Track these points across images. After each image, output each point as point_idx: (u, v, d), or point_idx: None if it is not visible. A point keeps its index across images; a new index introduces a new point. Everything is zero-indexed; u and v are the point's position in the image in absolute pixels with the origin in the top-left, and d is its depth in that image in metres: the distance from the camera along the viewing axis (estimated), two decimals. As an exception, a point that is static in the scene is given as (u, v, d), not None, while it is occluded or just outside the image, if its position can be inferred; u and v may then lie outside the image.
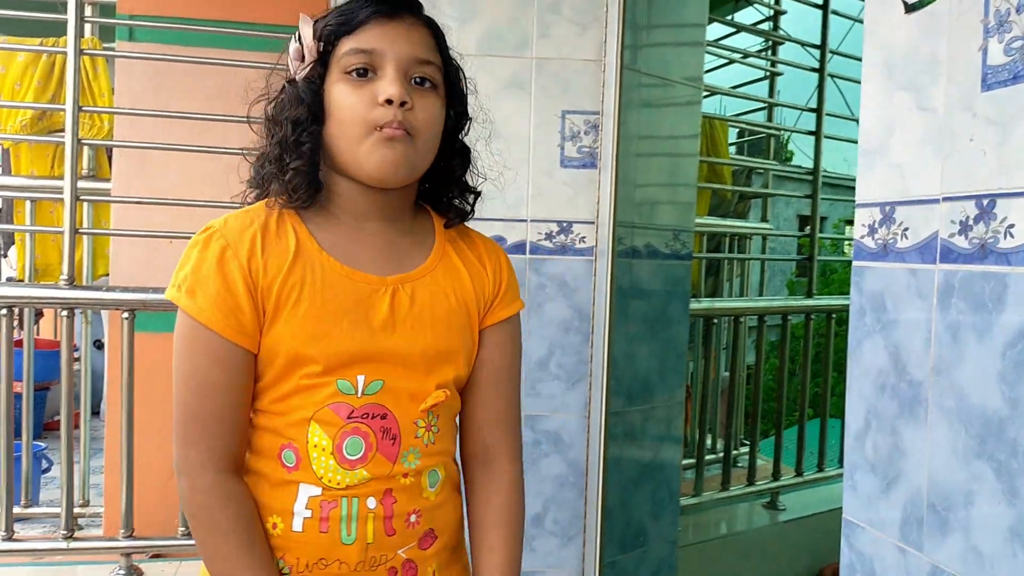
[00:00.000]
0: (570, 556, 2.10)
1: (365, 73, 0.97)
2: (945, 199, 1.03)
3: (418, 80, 0.99)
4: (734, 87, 3.83)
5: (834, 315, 3.63)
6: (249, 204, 1.05)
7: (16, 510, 2.39)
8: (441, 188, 1.10)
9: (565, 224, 2.05)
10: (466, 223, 1.14)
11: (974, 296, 0.97)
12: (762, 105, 3.83)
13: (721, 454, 3.42)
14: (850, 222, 13.89)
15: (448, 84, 1.04)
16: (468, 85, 1.10)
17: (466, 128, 1.10)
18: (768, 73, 3.75)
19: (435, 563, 1.05)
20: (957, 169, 1.01)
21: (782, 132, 4.23)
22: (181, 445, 0.98)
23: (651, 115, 2.22)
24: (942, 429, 1.02)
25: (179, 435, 0.97)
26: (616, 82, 1.99)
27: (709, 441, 3.55)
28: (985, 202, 0.96)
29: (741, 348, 3.54)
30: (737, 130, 4.42)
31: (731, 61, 3.61)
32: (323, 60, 1.00)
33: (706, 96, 3.45)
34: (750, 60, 3.80)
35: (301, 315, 0.97)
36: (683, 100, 2.36)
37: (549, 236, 2.05)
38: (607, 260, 2.02)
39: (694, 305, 2.99)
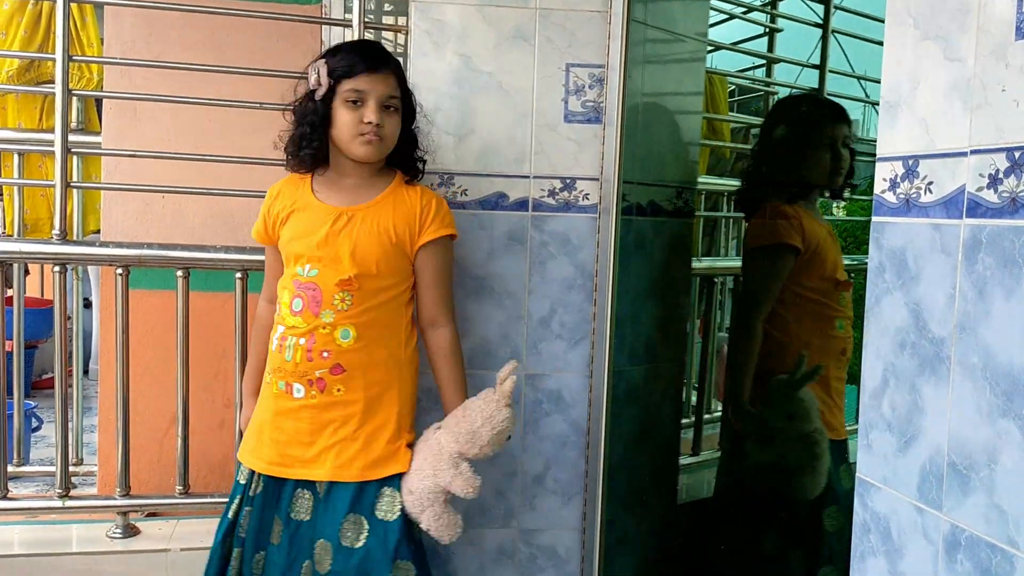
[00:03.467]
0: (571, 514, 2.09)
1: (356, 103, 1.68)
2: (973, 152, 1.00)
3: (387, 107, 1.70)
4: (734, 43, 3.76)
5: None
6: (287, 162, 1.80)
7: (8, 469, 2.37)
8: (404, 159, 1.79)
9: (568, 181, 2.01)
10: (417, 180, 1.82)
11: (1003, 251, 0.95)
12: (760, 62, 3.77)
13: (718, 414, 3.41)
14: (843, 183, 13.87)
15: (405, 105, 1.75)
16: (416, 102, 1.81)
17: (413, 124, 1.80)
18: (768, 29, 3.68)
19: (342, 385, 1.69)
20: (987, 121, 0.98)
21: (777, 92, 4.17)
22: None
23: (656, 70, 2.17)
24: (966, 387, 1.00)
25: None
26: (622, 34, 1.94)
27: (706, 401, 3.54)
28: (1017, 155, 0.93)
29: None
30: (732, 88, 4.36)
31: (732, 16, 3.55)
32: (331, 89, 1.68)
33: (708, 52, 3.39)
34: (750, 16, 3.73)
35: (289, 227, 1.75)
36: (688, 55, 2.31)
37: (552, 193, 2.01)
38: (611, 217, 1.99)
39: (694, 264, 2.97)
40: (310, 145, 1.72)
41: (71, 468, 2.30)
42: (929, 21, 1.07)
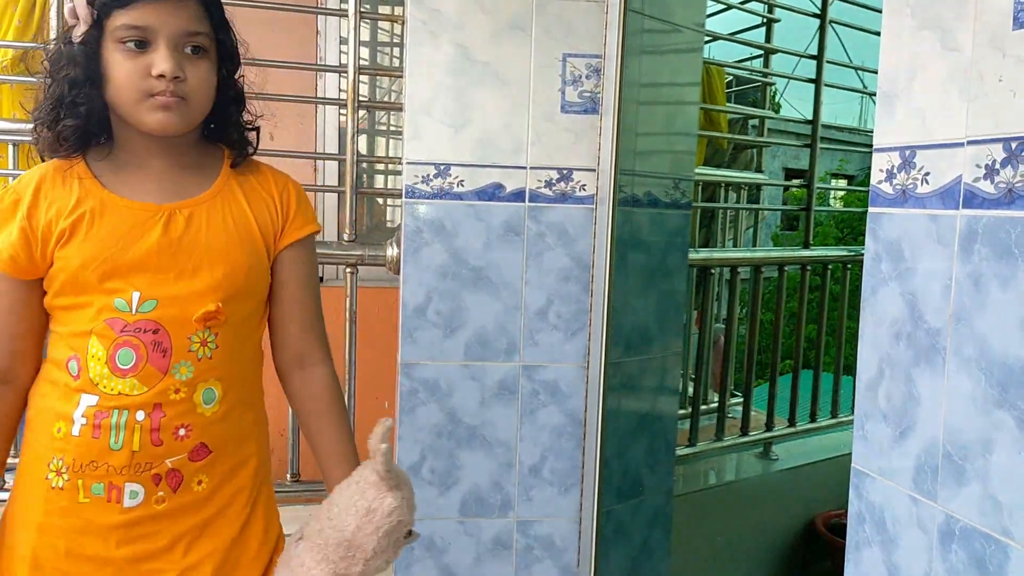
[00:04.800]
0: (567, 505, 2.09)
1: (140, 45, 1.11)
2: (970, 142, 1.00)
3: (191, 48, 1.14)
4: (732, 34, 3.76)
5: (829, 266, 3.62)
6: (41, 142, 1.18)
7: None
8: (225, 127, 1.25)
9: (565, 171, 2.01)
10: (246, 158, 1.27)
11: (999, 242, 0.95)
12: (757, 53, 3.77)
13: (715, 405, 3.43)
14: (836, 175, 13.88)
15: (219, 44, 1.19)
16: (238, 40, 1.24)
17: (238, 75, 1.25)
18: (765, 19, 3.68)
19: (205, 475, 1.17)
20: (984, 111, 0.98)
21: (775, 83, 4.17)
22: None
23: (653, 60, 2.16)
24: (961, 378, 1.00)
25: None
26: (619, 24, 1.94)
27: (703, 392, 3.55)
28: (1014, 145, 0.93)
29: (736, 299, 3.52)
30: (729, 79, 4.36)
31: (729, 6, 3.54)
32: (97, 24, 1.11)
33: (705, 42, 3.38)
34: (748, 6, 3.72)
35: (80, 241, 1.12)
36: (685, 46, 2.31)
37: (548, 184, 2.01)
38: (608, 208, 1.98)
39: (690, 255, 2.97)
40: (73, 112, 1.13)
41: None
42: (926, 10, 1.07)
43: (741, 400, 3.45)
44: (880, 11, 1.18)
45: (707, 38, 3.14)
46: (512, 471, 2.07)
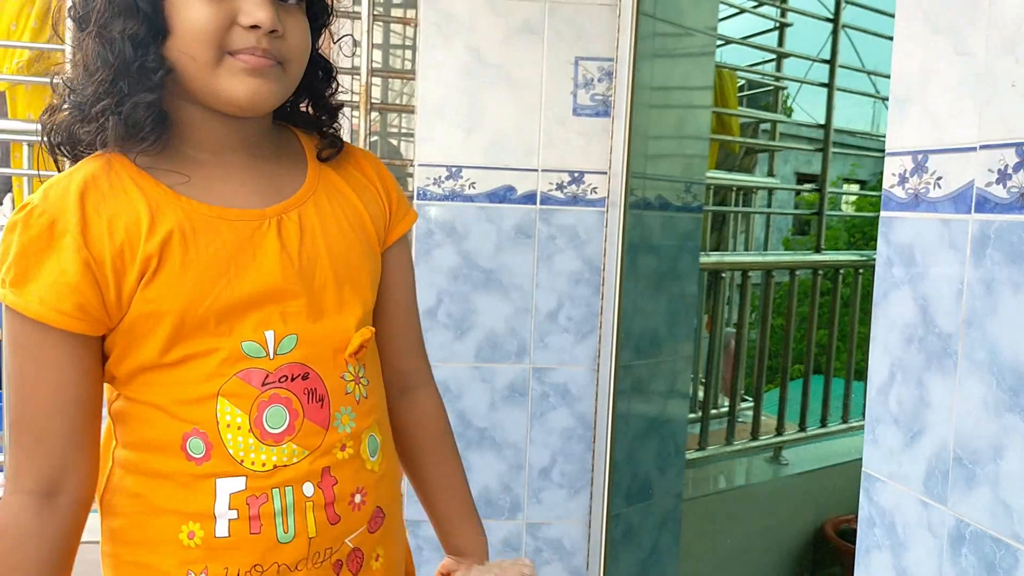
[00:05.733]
0: (577, 508, 2.10)
1: None
2: (983, 147, 1.00)
3: None
4: (744, 38, 3.76)
5: (841, 271, 3.61)
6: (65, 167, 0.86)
7: None
8: (310, 102, 0.97)
9: (577, 174, 2.01)
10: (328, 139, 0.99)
11: (1011, 247, 0.95)
12: (770, 57, 3.77)
13: (725, 409, 3.42)
14: (848, 180, 13.83)
15: None
16: None
17: (322, 38, 0.94)
18: (777, 24, 3.68)
19: (382, 547, 0.92)
20: (997, 116, 0.98)
21: (787, 86, 4.17)
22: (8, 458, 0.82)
23: (665, 64, 2.17)
24: (972, 382, 1.00)
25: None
26: (631, 27, 1.94)
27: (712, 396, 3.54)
28: (1026, 150, 0.93)
29: (748, 303, 3.52)
30: (741, 83, 4.36)
31: (742, 10, 3.54)
32: None
33: (717, 46, 3.39)
34: (760, 10, 3.72)
35: (178, 271, 0.80)
36: (697, 49, 2.31)
37: (560, 186, 2.02)
38: (619, 211, 1.99)
39: (702, 259, 2.97)
40: (145, 82, 0.79)
41: None
42: (939, 15, 1.07)
43: (752, 405, 3.44)
44: (892, 15, 1.18)
45: (719, 42, 3.14)
46: (522, 473, 2.07)
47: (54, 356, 0.79)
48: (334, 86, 0.97)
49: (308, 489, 0.84)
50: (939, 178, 1.06)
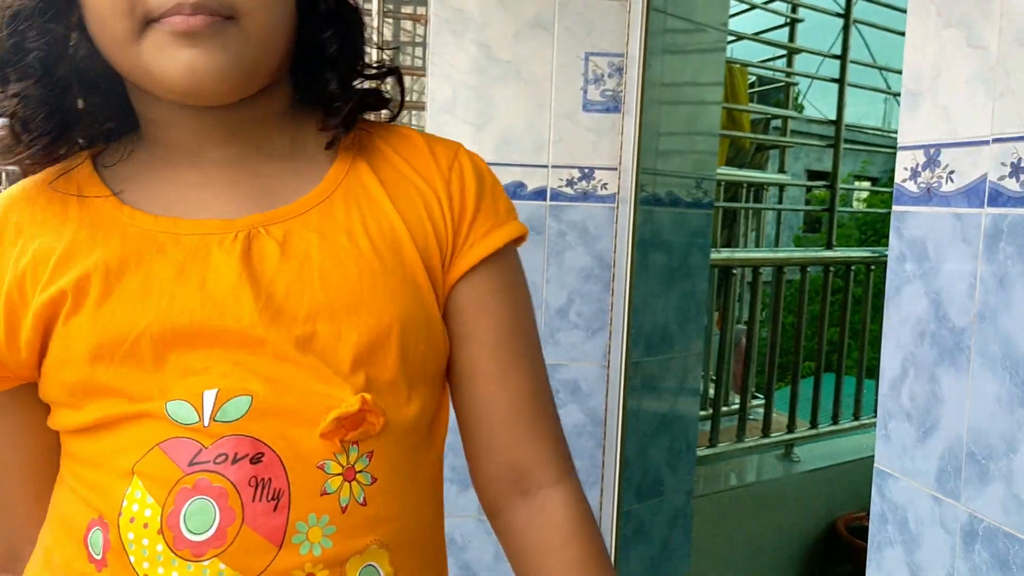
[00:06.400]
0: (587, 504, 2.09)
1: None
2: (995, 140, 0.99)
3: None
4: (755, 33, 3.75)
5: (852, 267, 3.59)
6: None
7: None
8: (319, 77, 0.66)
9: (587, 170, 2.01)
10: (399, 125, 0.74)
11: (1024, 241, 0.94)
12: (781, 53, 3.76)
13: (736, 406, 3.41)
14: (859, 176, 13.77)
15: None
16: None
17: None
18: (788, 19, 3.67)
19: None
20: (1010, 109, 0.97)
21: (798, 83, 4.16)
22: None
23: (675, 59, 2.16)
24: (985, 377, 0.99)
25: None
26: (642, 23, 1.94)
27: (724, 393, 3.54)
28: (1040, 143, 0.93)
29: (759, 300, 3.51)
30: (752, 79, 4.35)
31: (753, 6, 3.53)
32: None
33: (728, 42, 3.38)
34: (772, 6, 3.71)
35: (93, 307, 0.58)
36: (708, 45, 2.30)
37: (570, 182, 2.01)
38: (629, 207, 1.98)
39: (712, 255, 2.97)
40: (25, 71, 0.60)
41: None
42: (952, 8, 1.07)
43: (763, 402, 3.43)
44: (904, 11, 1.17)
45: (730, 38, 3.13)
46: (532, 469, 2.07)
47: None
48: (356, 38, 0.67)
49: None
50: (951, 172, 1.06)
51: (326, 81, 0.66)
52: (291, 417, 0.58)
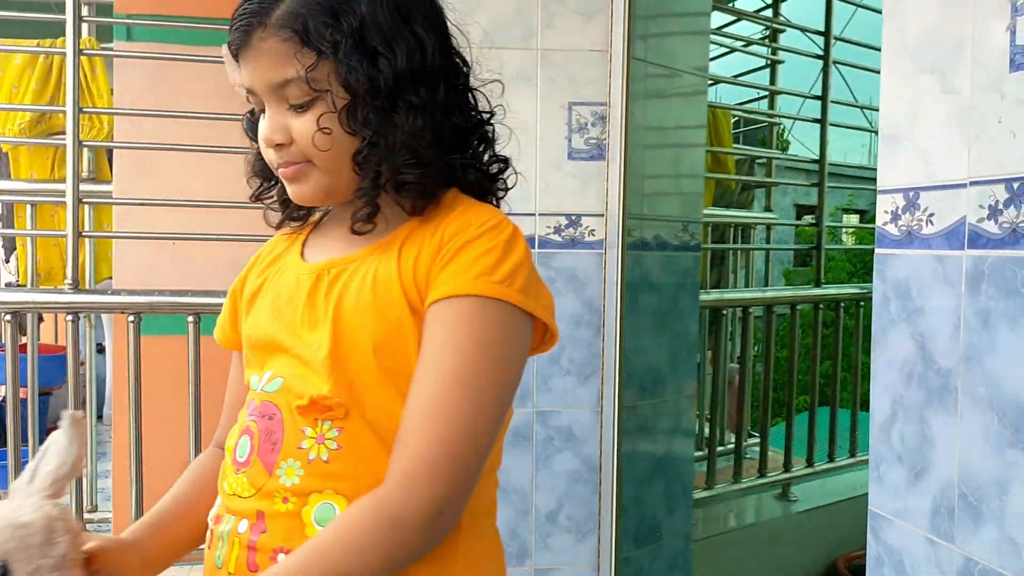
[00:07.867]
0: (585, 552, 2.08)
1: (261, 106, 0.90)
2: (972, 183, 1.00)
3: (293, 103, 0.85)
4: (736, 76, 3.80)
5: (842, 304, 3.61)
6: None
7: (24, 517, 2.37)
8: (392, 178, 0.88)
9: (574, 217, 2.03)
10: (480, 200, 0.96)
11: (1005, 282, 0.95)
12: (763, 94, 3.81)
13: (731, 446, 3.40)
14: (847, 210, 13.86)
15: (347, 70, 0.83)
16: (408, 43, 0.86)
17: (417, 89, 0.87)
18: (769, 61, 3.72)
19: None
20: (985, 152, 0.99)
21: (782, 122, 4.21)
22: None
23: (658, 105, 2.19)
24: (974, 418, 0.99)
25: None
26: (623, 72, 1.97)
27: (719, 433, 3.53)
28: (1016, 185, 0.94)
29: (750, 339, 3.52)
30: (735, 119, 4.39)
31: (733, 50, 3.58)
32: None
33: (709, 85, 3.42)
34: (751, 48, 3.77)
35: (257, 308, 0.96)
36: (689, 90, 2.34)
37: (558, 230, 2.03)
38: (617, 252, 2.00)
39: (701, 296, 2.98)
40: (259, 177, 0.99)
41: (86, 515, 2.30)
42: (925, 54, 1.09)
43: (758, 440, 3.42)
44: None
45: (710, 81, 3.18)
46: (529, 518, 2.06)
47: (233, 366, 1.05)
48: (416, 151, 0.86)
49: (243, 526, 0.85)
50: (931, 215, 1.07)
51: (399, 181, 0.87)
52: (295, 396, 0.85)
